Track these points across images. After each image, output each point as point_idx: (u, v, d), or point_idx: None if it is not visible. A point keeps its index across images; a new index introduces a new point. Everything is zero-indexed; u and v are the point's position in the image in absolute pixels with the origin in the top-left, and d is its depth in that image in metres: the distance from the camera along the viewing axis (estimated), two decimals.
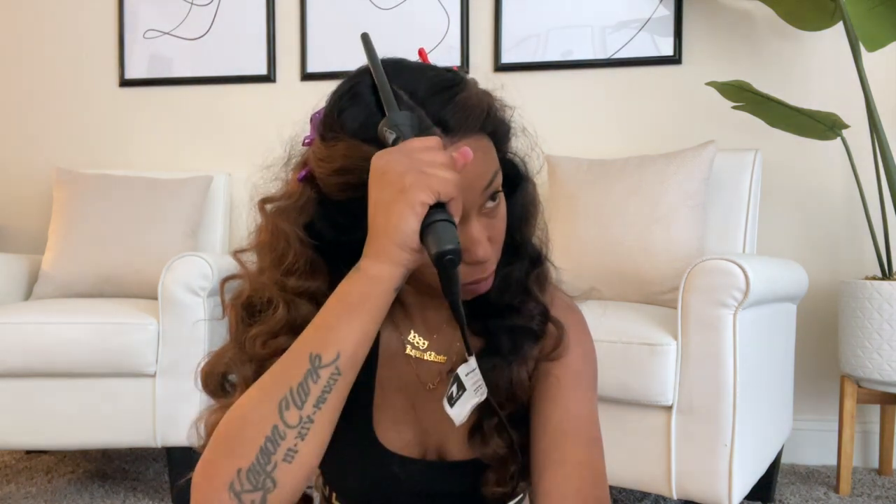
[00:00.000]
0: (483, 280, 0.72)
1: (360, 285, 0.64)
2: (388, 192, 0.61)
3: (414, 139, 0.63)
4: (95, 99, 2.79)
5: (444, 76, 0.70)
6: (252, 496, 0.60)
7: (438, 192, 0.60)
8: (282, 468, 0.61)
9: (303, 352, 0.63)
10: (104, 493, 2.02)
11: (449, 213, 0.62)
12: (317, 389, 0.62)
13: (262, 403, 0.62)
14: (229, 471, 0.61)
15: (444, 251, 0.60)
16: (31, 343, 1.88)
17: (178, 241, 2.29)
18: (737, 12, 2.37)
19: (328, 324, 0.64)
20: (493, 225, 0.72)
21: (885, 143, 1.97)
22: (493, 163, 0.71)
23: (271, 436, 0.61)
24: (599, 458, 0.76)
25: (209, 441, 0.65)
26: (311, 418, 0.62)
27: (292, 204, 0.72)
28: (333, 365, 0.62)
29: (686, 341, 1.55)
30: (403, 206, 0.60)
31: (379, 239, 0.63)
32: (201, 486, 0.62)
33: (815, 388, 2.30)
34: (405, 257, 0.62)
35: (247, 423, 0.62)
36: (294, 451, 0.61)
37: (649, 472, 1.59)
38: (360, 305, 0.63)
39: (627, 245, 1.95)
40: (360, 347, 0.63)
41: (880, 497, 1.98)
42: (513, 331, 0.79)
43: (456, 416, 0.71)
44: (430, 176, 0.60)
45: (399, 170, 0.61)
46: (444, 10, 2.55)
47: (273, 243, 0.72)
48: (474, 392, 0.72)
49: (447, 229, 0.61)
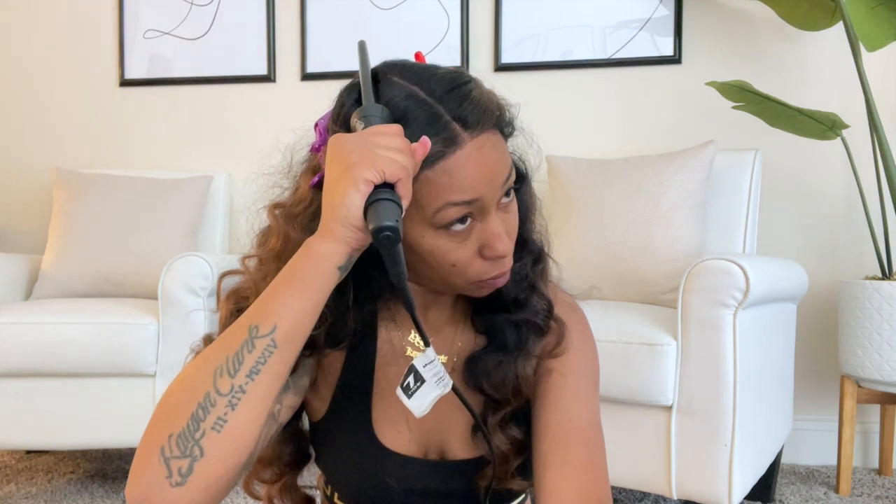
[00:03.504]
0: (502, 275, 0.73)
1: (304, 261, 0.64)
2: (335, 169, 0.63)
3: (375, 126, 0.64)
4: (95, 99, 2.79)
5: (455, 74, 0.71)
6: (180, 463, 0.60)
7: (383, 171, 0.61)
8: (210, 436, 0.60)
9: (243, 322, 0.64)
10: (104, 493, 2.02)
11: (395, 194, 0.62)
12: (251, 359, 0.62)
13: (199, 370, 0.63)
14: (162, 436, 0.61)
15: (380, 227, 0.60)
16: (31, 343, 1.88)
17: (178, 241, 2.29)
18: (737, 12, 2.37)
19: (270, 296, 0.64)
20: (508, 220, 0.72)
21: (885, 143, 1.97)
22: (508, 157, 0.71)
23: (203, 402, 0.61)
24: (601, 459, 0.76)
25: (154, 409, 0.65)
26: (242, 388, 0.61)
27: (302, 210, 0.72)
28: (269, 337, 0.62)
29: (686, 341, 1.55)
30: (347, 182, 0.62)
31: (326, 217, 0.64)
32: (138, 452, 0.62)
33: (815, 388, 2.30)
34: (349, 235, 0.63)
35: (182, 388, 0.63)
36: (223, 421, 0.61)
37: (649, 472, 1.59)
38: (302, 280, 0.64)
39: (627, 245, 1.95)
40: (298, 323, 0.63)
41: (880, 497, 1.98)
42: (519, 325, 0.79)
43: (415, 407, 0.71)
44: (378, 156, 0.61)
45: (348, 148, 0.63)
46: (444, 11, 2.55)
47: (283, 254, 0.72)
48: (435, 384, 0.71)
49: (388, 207, 0.61)
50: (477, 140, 0.67)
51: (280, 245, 0.72)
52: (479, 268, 0.71)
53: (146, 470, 0.60)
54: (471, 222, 0.69)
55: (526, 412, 0.80)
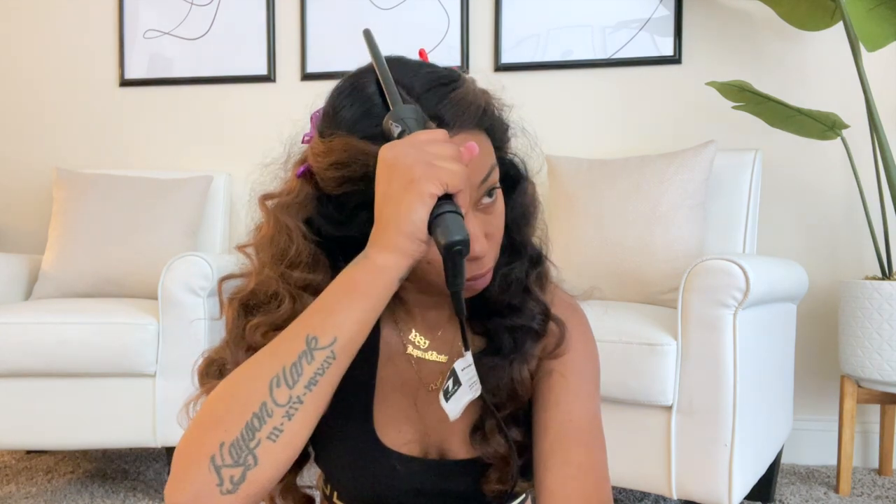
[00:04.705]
0: (480, 277, 0.72)
1: (366, 273, 0.64)
2: (396, 183, 0.62)
3: (421, 132, 0.64)
4: (95, 99, 2.79)
5: (441, 73, 0.71)
6: (232, 471, 0.60)
7: (447, 184, 0.61)
8: (265, 446, 0.60)
9: (300, 332, 0.63)
10: (104, 493, 2.02)
11: (457, 205, 0.62)
12: (310, 370, 0.62)
13: (254, 380, 0.62)
14: (213, 443, 0.60)
15: (452, 241, 0.60)
16: (31, 343, 1.88)
17: (178, 241, 2.29)
18: (737, 12, 2.37)
19: (329, 307, 0.64)
20: (489, 221, 0.72)
21: (885, 143, 1.97)
22: (489, 158, 0.71)
23: (259, 412, 0.61)
24: (602, 459, 0.76)
25: (196, 414, 0.64)
26: (300, 399, 0.62)
27: (292, 199, 0.73)
28: (329, 348, 0.62)
29: (686, 341, 1.55)
30: (413, 196, 0.61)
31: (387, 229, 0.63)
32: (182, 457, 0.61)
33: (815, 388, 2.30)
34: (413, 248, 0.63)
35: (236, 397, 0.62)
36: (280, 430, 0.61)
37: (649, 472, 1.59)
38: (364, 293, 0.64)
39: (627, 245, 1.95)
40: (357, 334, 0.64)
41: (880, 497, 1.98)
42: (514, 330, 0.79)
43: (451, 410, 0.71)
44: (439, 168, 0.61)
45: (408, 162, 0.62)
46: (444, 10, 2.55)
47: (275, 238, 0.73)
48: (469, 388, 0.72)
49: (456, 220, 0.61)
50: (453, 140, 0.67)
51: (272, 230, 0.73)
52: None
53: (195, 477, 0.60)
54: None
55: (526, 413, 0.80)
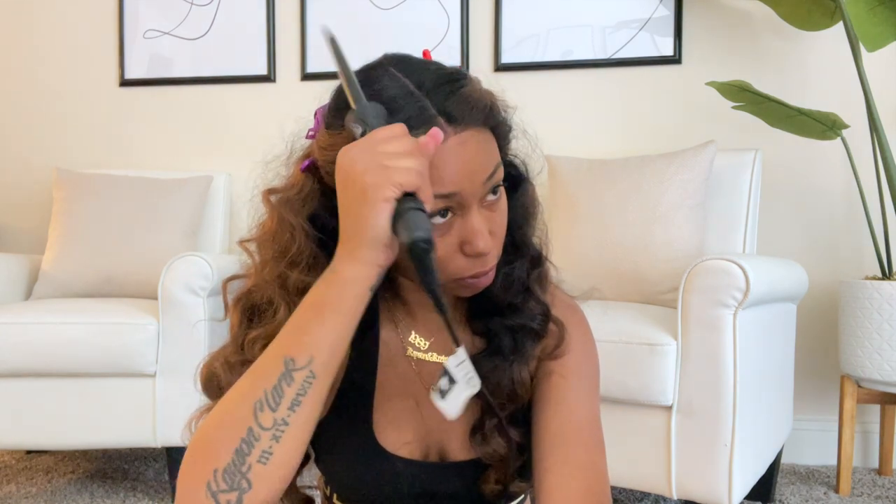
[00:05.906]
0: (484, 274, 0.72)
1: (334, 287, 0.64)
2: (350, 192, 0.62)
3: (378, 129, 0.63)
4: (95, 99, 2.79)
5: (449, 70, 0.71)
6: (228, 496, 0.61)
7: (401, 185, 0.61)
8: (256, 469, 0.61)
9: (278, 354, 0.64)
10: (104, 493, 2.02)
11: (419, 201, 0.62)
12: (291, 392, 0.62)
13: (238, 406, 0.63)
14: (207, 470, 0.61)
15: (415, 239, 0.59)
16: (31, 343, 1.88)
17: (178, 241, 2.29)
18: (737, 12, 2.37)
19: (301, 326, 0.64)
20: (493, 218, 0.72)
21: (885, 143, 1.97)
22: (494, 156, 0.71)
23: (246, 437, 0.62)
24: (601, 460, 0.76)
25: (192, 439, 0.65)
26: (285, 420, 0.62)
27: (295, 194, 0.73)
28: (307, 368, 0.62)
29: (686, 341, 1.55)
30: (367, 207, 0.61)
31: (351, 240, 0.63)
32: (182, 483, 0.63)
33: (815, 388, 2.30)
34: (377, 256, 0.63)
35: (223, 424, 0.63)
36: (269, 453, 0.62)
37: (649, 472, 1.59)
38: (334, 308, 0.64)
39: (627, 245, 1.95)
40: (335, 350, 0.64)
41: (880, 497, 1.98)
42: (514, 330, 0.79)
43: (449, 409, 0.70)
44: (392, 169, 0.60)
45: (359, 169, 0.61)
46: (444, 10, 2.55)
47: (278, 235, 0.73)
48: (466, 384, 0.70)
49: (417, 217, 0.60)
50: (460, 136, 0.67)
51: (275, 226, 0.73)
52: (460, 264, 0.70)
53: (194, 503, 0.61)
54: (451, 216, 0.69)
55: (525, 413, 0.80)
